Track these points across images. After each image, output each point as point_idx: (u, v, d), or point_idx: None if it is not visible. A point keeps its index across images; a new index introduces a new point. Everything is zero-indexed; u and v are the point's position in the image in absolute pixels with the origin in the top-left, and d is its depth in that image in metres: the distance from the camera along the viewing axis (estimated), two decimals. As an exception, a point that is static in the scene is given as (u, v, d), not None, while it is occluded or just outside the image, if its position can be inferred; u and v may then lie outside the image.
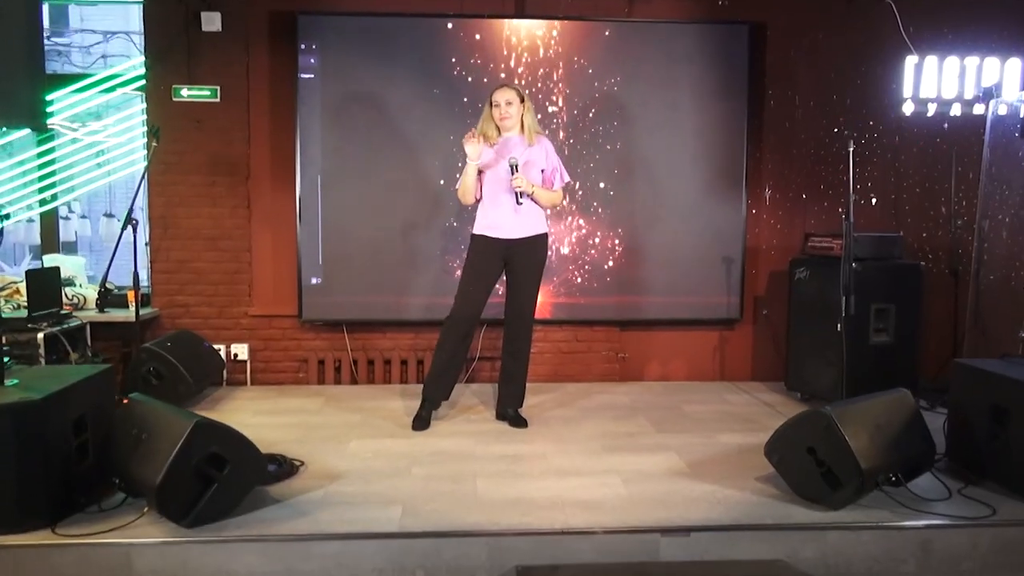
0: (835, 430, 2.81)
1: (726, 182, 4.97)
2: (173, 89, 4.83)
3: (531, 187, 3.80)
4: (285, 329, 5.01)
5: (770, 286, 5.12)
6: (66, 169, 5.28)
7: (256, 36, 4.84)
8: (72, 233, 7.61)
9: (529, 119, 3.86)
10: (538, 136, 3.94)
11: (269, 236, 4.96)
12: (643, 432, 3.94)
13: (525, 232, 3.88)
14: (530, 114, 3.87)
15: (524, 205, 3.80)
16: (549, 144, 4.00)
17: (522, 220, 3.86)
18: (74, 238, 7.86)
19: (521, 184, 3.72)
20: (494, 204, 3.85)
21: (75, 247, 8.12)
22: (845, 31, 5.01)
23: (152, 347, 4.24)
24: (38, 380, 2.91)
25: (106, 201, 8.16)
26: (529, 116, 3.86)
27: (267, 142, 4.91)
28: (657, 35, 4.89)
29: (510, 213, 3.83)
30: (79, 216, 7.91)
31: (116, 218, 7.27)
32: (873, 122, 5.07)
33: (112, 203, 7.65)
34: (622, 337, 5.10)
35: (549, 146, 3.99)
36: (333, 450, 3.61)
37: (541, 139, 3.96)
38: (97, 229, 8.06)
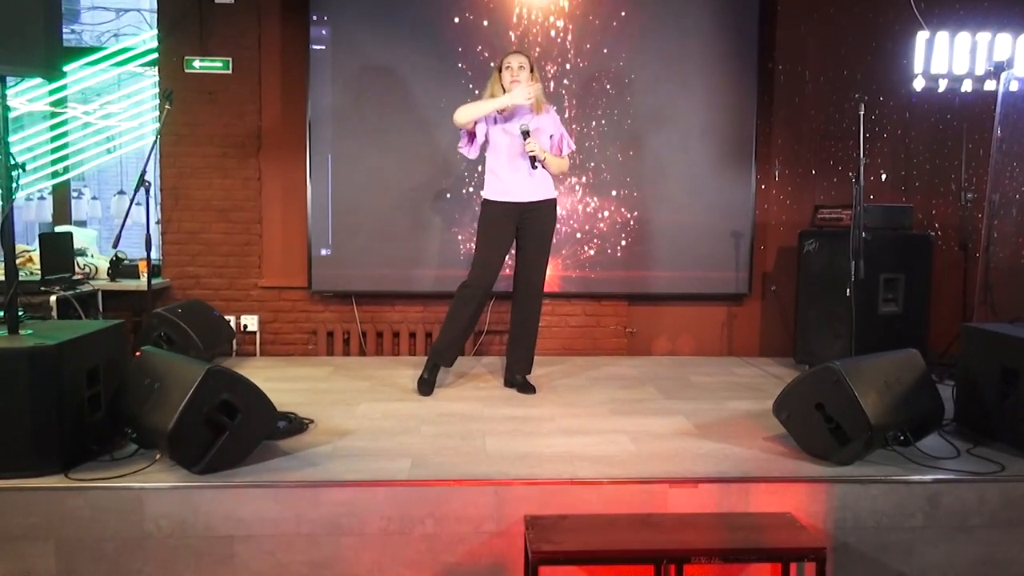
0: (844, 385, 2.81)
1: (735, 157, 4.97)
2: (185, 61, 4.86)
3: (543, 152, 3.81)
4: (295, 301, 5.04)
5: (779, 262, 5.12)
6: (77, 143, 5.33)
7: (268, 7, 4.87)
8: (83, 214, 7.66)
9: (537, 88, 3.86)
10: (545, 105, 3.96)
11: (279, 208, 4.99)
12: (651, 399, 3.94)
13: (538, 195, 3.90)
14: (538, 84, 3.88)
15: (536, 170, 3.82)
16: (555, 112, 4.03)
17: (536, 183, 3.88)
18: (85, 218, 7.90)
19: (535, 148, 3.74)
20: (508, 168, 3.86)
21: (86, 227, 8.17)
22: (856, 6, 5.00)
23: (163, 312, 4.26)
24: (52, 330, 2.94)
25: (117, 182, 8.21)
26: (537, 85, 3.87)
27: (279, 114, 4.93)
28: (668, 8, 4.89)
29: (525, 177, 3.85)
30: (90, 198, 7.95)
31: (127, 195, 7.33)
32: (884, 98, 5.07)
33: (124, 182, 7.70)
34: (630, 312, 5.11)
35: (555, 114, 4.02)
36: (342, 412, 3.63)
37: (548, 107, 3.98)
38: (109, 210, 8.11)
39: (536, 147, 3.76)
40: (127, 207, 4.10)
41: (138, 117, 5.26)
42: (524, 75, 3.83)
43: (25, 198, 6.52)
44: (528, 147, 3.74)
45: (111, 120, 5.28)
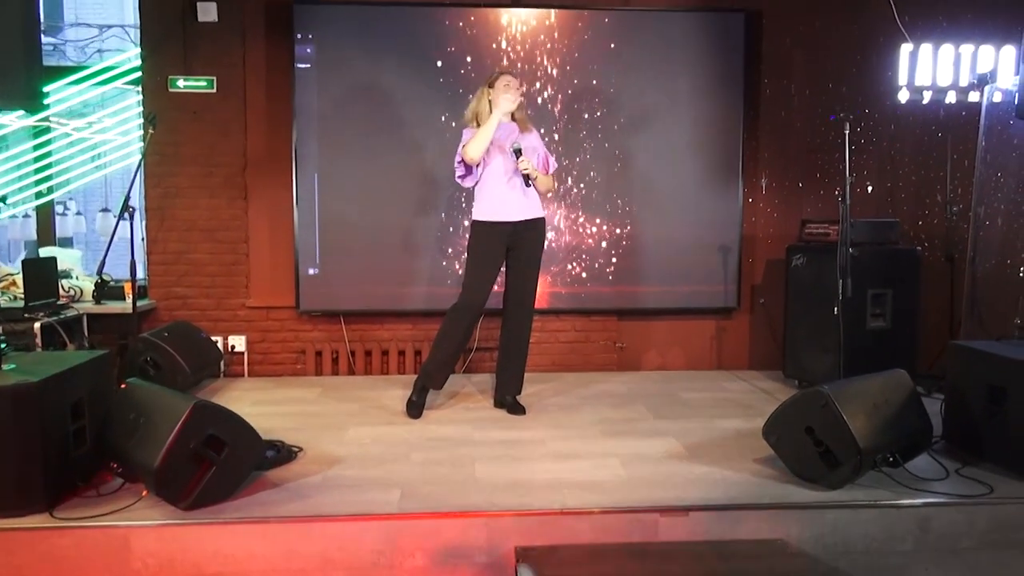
0: (833, 409, 2.82)
1: (722, 171, 4.98)
2: (169, 80, 4.83)
3: (535, 171, 3.82)
4: (283, 320, 5.00)
5: (767, 275, 5.13)
6: (62, 162, 5.28)
7: (252, 26, 4.84)
8: (68, 230, 7.60)
9: (521, 111, 3.90)
10: (530, 126, 3.99)
11: (266, 227, 4.96)
12: (641, 418, 3.94)
13: (530, 214, 3.90)
14: (522, 106, 3.91)
15: (529, 187, 3.83)
16: (536, 133, 4.06)
17: (527, 202, 3.88)
18: (70, 234, 7.85)
19: (528, 167, 3.74)
20: (501, 187, 3.85)
21: (71, 243, 8.12)
22: (841, 19, 5.02)
23: (149, 337, 4.23)
24: (36, 364, 2.90)
25: (102, 198, 8.14)
26: (522, 108, 3.91)
27: (264, 132, 4.90)
28: (653, 23, 4.89)
29: (518, 195, 3.85)
30: (75, 213, 7.90)
31: (112, 213, 7.28)
32: (869, 110, 5.09)
33: (108, 199, 7.65)
34: (620, 327, 5.11)
35: (537, 135, 4.05)
36: (331, 437, 3.60)
37: (531, 128, 4.01)
38: (94, 225, 8.06)
39: (529, 165, 3.76)
40: (111, 232, 4.05)
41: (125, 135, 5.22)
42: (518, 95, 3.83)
43: (9, 216, 6.47)
44: (521, 165, 3.74)
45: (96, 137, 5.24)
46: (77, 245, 8.43)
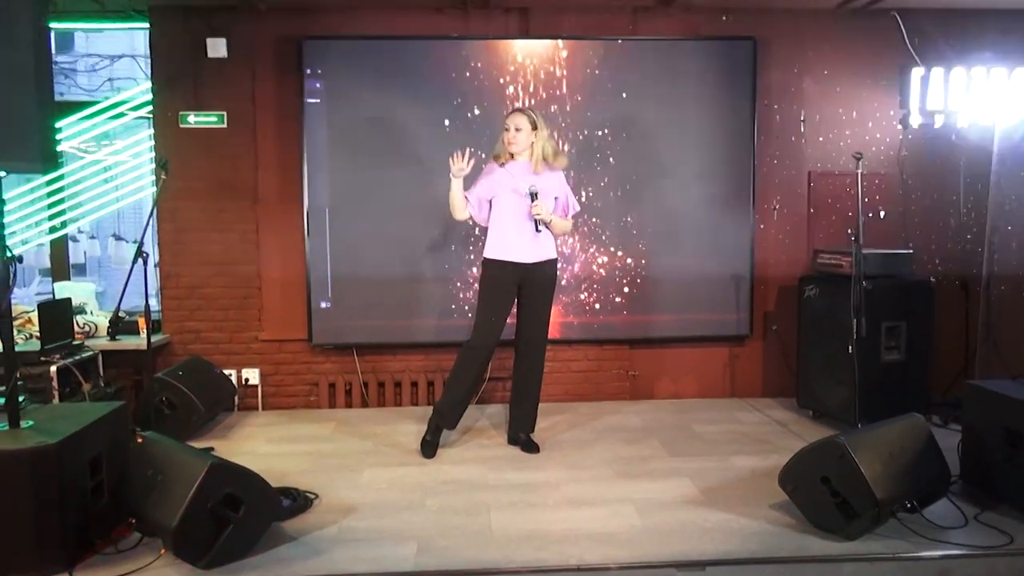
0: (849, 460, 2.80)
1: (733, 199, 4.97)
2: (180, 116, 4.85)
3: (550, 216, 3.80)
4: (296, 353, 5.02)
5: (779, 300, 5.11)
6: (76, 196, 5.31)
7: (262, 62, 4.86)
8: (81, 254, 7.65)
9: (539, 149, 3.83)
10: (550, 166, 3.91)
11: (278, 260, 4.97)
12: (655, 456, 3.93)
13: (540, 256, 3.89)
14: (541, 144, 3.84)
15: (540, 232, 3.81)
16: (561, 173, 4.00)
17: (539, 245, 3.87)
18: (83, 259, 7.90)
19: (541, 212, 3.73)
20: (513, 229, 3.84)
21: (84, 268, 8.17)
22: (850, 45, 5.00)
23: (164, 377, 4.25)
24: (53, 421, 2.93)
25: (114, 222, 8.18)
26: (539, 146, 3.83)
27: (275, 167, 4.92)
28: (661, 52, 4.88)
29: (528, 239, 3.83)
30: (88, 237, 7.95)
31: (124, 240, 7.33)
32: (880, 135, 5.06)
33: (120, 224, 7.68)
34: (632, 355, 5.10)
35: (561, 175, 3.99)
36: (346, 480, 3.62)
37: (556, 168, 3.94)
38: (106, 249, 8.11)
39: (543, 210, 3.75)
40: (127, 273, 4.06)
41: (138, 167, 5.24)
42: (521, 136, 3.81)
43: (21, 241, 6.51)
44: (534, 210, 3.74)
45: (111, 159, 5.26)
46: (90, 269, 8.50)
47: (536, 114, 3.88)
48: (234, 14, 4.76)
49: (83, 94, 6.93)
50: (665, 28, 4.92)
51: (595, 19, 4.87)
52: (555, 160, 3.89)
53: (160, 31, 4.81)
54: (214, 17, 4.78)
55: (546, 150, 3.85)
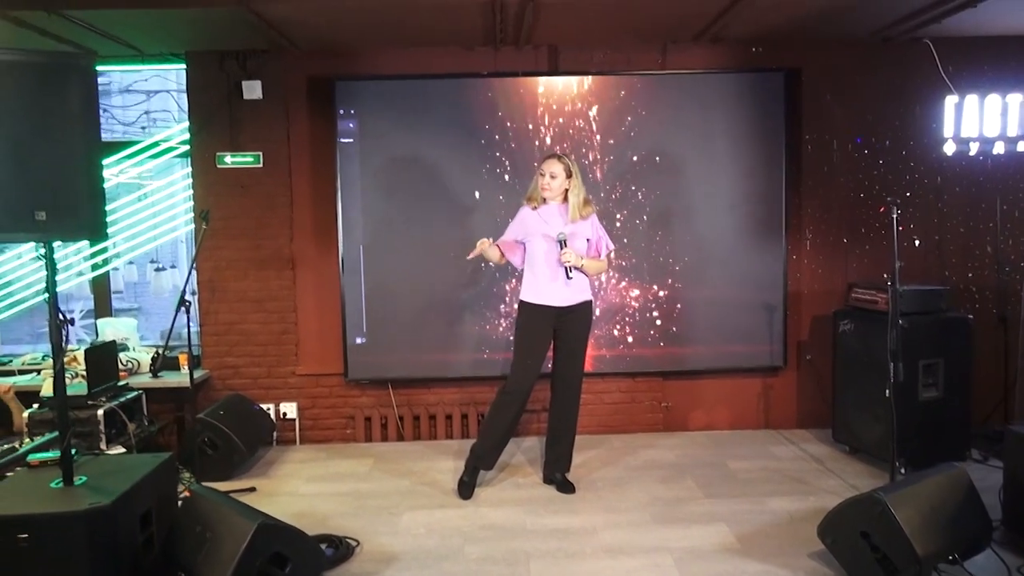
0: (889, 516, 2.80)
1: (765, 229, 4.96)
2: (217, 157, 4.95)
3: (580, 260, 3.83)
4: (332, 387, 5.10)
5: (813, 331, 5.08)
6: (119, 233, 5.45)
7: (295, 102, 4.94)
8: (120, 282, 7.82)
9: (574, 197, 3.87)
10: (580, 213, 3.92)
11: (313, 296, 5.06)
12: (691, 497, 3.94)
13: (574, 299, 3.93)
14: (576, 192, 3.87)
15: (574, 275, 3.84)
16: (594, 215, 4.03)
17: (571, 289, 3.90)
18: (121, 286, 8.07)
19: (571, 259, 3.77)
20: (546, 274, 3.90)
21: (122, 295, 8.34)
22: (882, 72, 4.96)
23: (206, 418, 4.35)
24: (105, 477, 3.02)
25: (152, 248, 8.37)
26: (574, 194, 3.87)
27: (309, 205, 5.00)
28: (691, 85, 4.89)
29: (560, 284, 3.87)
30: (126, 263, 8.12)
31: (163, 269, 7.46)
32: (914, 163, 5.02)
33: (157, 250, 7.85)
34: (665, 386, 5.11)
35: (594, 216, 4.02)
36: (386, 524, 3.68)
37: (586, 215, 3.96)
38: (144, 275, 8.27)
39: (571, 257, 3.78)
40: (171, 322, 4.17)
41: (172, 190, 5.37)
42: (556, 183, 3.85)
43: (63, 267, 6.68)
44: (564, 258, 3.77)
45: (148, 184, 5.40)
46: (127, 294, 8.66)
47: (571, 161, 3.92)
48: (268, 56, 4.85)
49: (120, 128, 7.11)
50: (695, 61, 4.92)
51: (624, 54, 4.89)
52: (584, 209, 3.91)
53: (197, 75, 4.92)
54: (248, 60, 4.87)
55: (576, 200, 3.88)
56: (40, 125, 2.71)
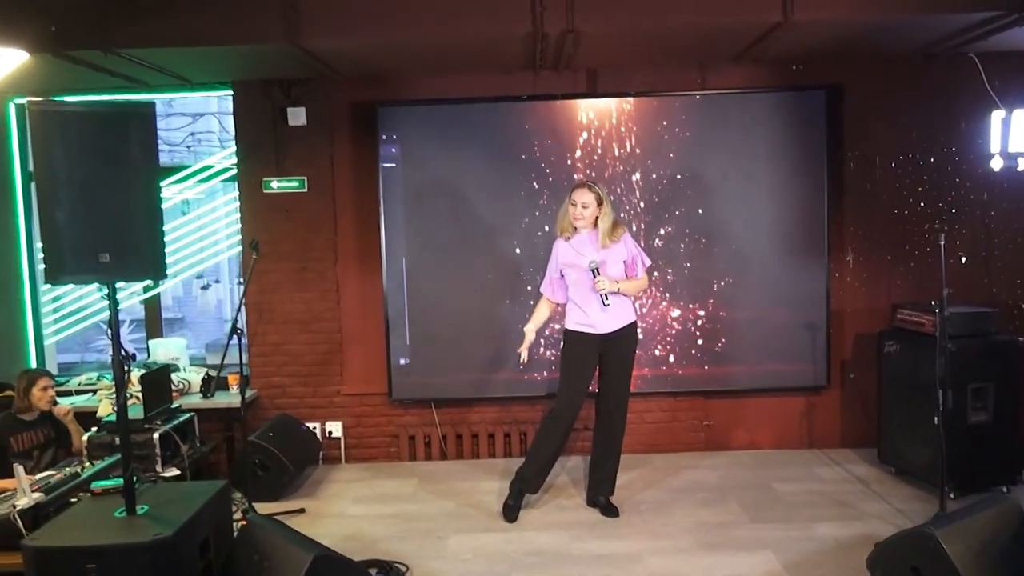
0: (940, 552, 2.79)
1: (807, 248, 4.93)
2: (263, 182, 5.07)
3: (615, 285, 3.87)
4: (376, 406, 5.19)
5: (856, 349, 5.04)
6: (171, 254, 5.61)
7: (339, 128, 5.04)
8: (168, 297, 8.06)
9: (606, 223, 3.91)
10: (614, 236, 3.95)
11: (358, 318, 5.15)
12: (736, 521, 3.94)
13: (616, 325, 3.96)
14: (608, 218, 3.92)
15: (612, 300, 3.88)
16: (627, 236, 4.06)
17: (612, 315, 3.93)
18: (169, 301, 8.31)
19: (604, 287, 3.80)
20: (583, 303, 3.95)
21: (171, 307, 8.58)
22: (925, 88, 4.90)
23: (257, 440, 4.46)
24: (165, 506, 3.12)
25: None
26: (606, 220, 3.91)
27: (353, 228, 5.10)
28: (730, 104, 4.88)
29: (598, 312, 3.91)
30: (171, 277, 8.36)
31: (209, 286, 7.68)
32: (960, 179, 4.95)
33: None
34: (707, 405, 5.11)
35: (627, 237, 4.05)
36: (433, 548, 3.75)
37: (618, 237, 3.99)
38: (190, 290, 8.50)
39: (605, 284, 3.82)
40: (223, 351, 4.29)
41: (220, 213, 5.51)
42: (588, 213, 3.89)
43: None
44: (598, 286, 3.81)
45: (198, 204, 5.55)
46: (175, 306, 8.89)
47: (601, 188, 3.96)
48: (311, 84, 4.95)
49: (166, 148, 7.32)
50: (734, 80, 4.92)
51: (663, 75, 4.90)
52: (614, 233, 3.94)
53: (243, 102, 5.04)
54: (293, 87, 4.98)
55: (607, 226, 3.92)
56: (103, 171, 2.81)
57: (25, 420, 4.10)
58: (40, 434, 4.16)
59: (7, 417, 4.06)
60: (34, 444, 4.10)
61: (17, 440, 4.02)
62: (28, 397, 4.07)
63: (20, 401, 4.09)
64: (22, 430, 4.07)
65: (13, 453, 3.97)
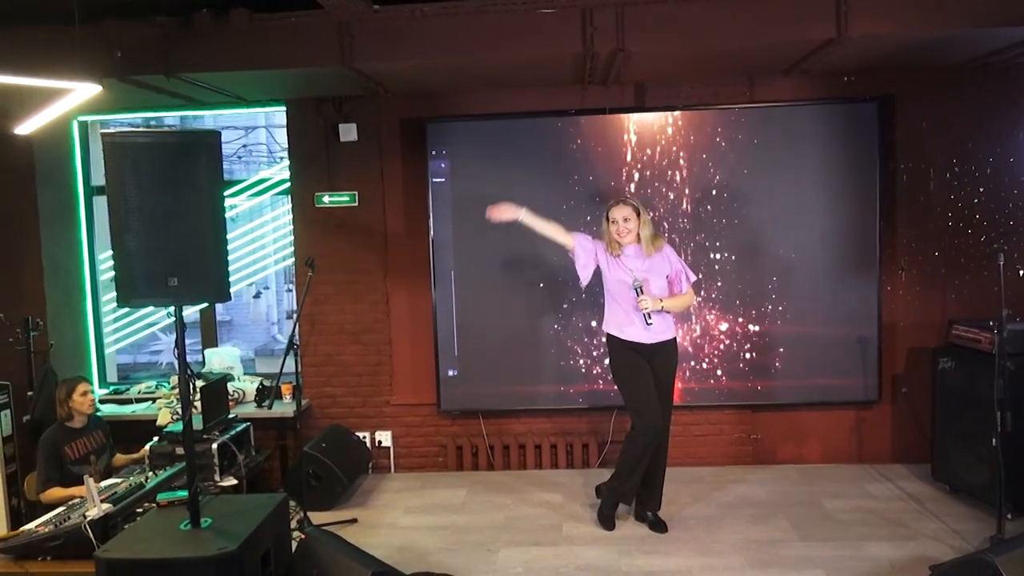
0: (1000, 580, 2.76)
1: (858, 260, 4.88)
2: (316, 197, 5.18)
3: (658, 304, 3.88)
4: (424, 416, 5.27)
5: (909, 364, 4.97)
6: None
7: (389, 144, 5.13)
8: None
9: (646, 232, 3.95)
10: (657, 247, 4.01)
11: (407, 330, 5.24)
12: (785, 539, 3.93)
13: (656, 339, 3.99)
14: (647, 227, 3.96)
15: (655, 318, 3.90)
16: (669, 249, 4.08)
17: (654, 331, 3.96)
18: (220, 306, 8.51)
19: (648, 306, 3.82)
20: (628, 316, 3.97)
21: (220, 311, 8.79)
22: (980, 99, 4.81)
23: (311, 451, 4.57)
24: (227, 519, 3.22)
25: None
26: (646, 229, 3.96)
27: (403, 242, 5.18)
28: (780, 116, 4.85)
29: (641, 330, 3.94)
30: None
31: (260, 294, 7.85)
32: (1017, 191, 4.85)
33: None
34: (754, 418, 5.08)
35: (670, 251, 4.07)
36: (483, 561, 3.81)
37: (661, 248, 4.03)
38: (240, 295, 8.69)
39: (648, 304, 3.84)
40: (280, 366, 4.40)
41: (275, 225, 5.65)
42: (631, 225, 3.92)
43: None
44: (641, 305, 3.83)
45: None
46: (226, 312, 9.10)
47: (637, 201, 4.01)
48: (362, 100, 5.05)
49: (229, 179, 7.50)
50: (784, 93, 4.88)
51: (712, 88, 4.89)
52: (656, 243, 3.98)
53: (296, 119, 5.17)
54: (344, 104, 5.08)
55: (649, 234, 3.95)
56: (172, 199, 2.92)
57: (75, 428, 4.24)
58: (93, 440, 4.29)
59: (57, 428, 4.20)
60: (89, 450, 4.23)
61: (72, 449, 4.17)
62: (70, 404, 4.21)
63: (63, 410, 4.21)
64: (74, 438, 4.19)
65: (70, 461, 4.12)
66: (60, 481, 4.07)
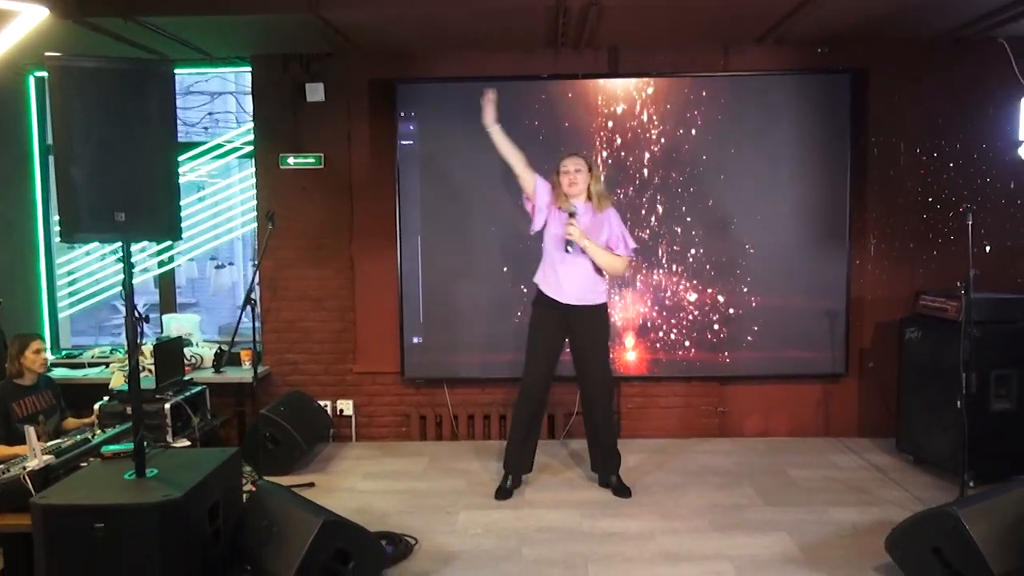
0: (963, 532, 2.72)
1: (828, 234, 4.86)
2: (280, 158, 5.05)
3: (584, 240, 3.79)
4: (388, 385, 5.16)
5: (876, 337, 4.97)
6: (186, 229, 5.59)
7: (357, 105, 5.01)
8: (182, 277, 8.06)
9: (597, 187, 3.91)
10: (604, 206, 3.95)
11: (372, 296, 5.12)
12: (750, 504, 3.89)
13: (574, 300, 3.90)
14: (597, 183, 3.92)
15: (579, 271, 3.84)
16: (614, 212, 4.02)
17: (580, 287, 3.89)
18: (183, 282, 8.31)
19: (573, 233, 3.75)
20: (552, 272, 3.92)
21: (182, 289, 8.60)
22: (952, 73, 4.82)
23: (269, 414, 4.45)
24: (175, 470, 3.10)
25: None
26: (597, 184, 3.92)
27: (369, 206, 5.07)
28: (754, 86, 4.81)
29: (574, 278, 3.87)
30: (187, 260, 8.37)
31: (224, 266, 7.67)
32: (986, 167, 4.86)
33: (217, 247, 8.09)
34: (722, 391, 5.05)
35: (614, 214, 4.01)
36: (443, 523, 3.71)
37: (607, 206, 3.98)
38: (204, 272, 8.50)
39: (575, 232, 3.76)
40: (235, 325, 4.28)
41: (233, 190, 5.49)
42: (581, 178, 3.88)
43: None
44: (568, 229, 3.76)
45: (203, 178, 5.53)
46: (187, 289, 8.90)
47: (588, 155, 3.98)
48: (330, 59, 4.93)
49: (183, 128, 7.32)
50: (758, 62, 4.85)
51: (686, 56, 4.84)
52: (604, 202, 3.94)
53: (262, 77, 5.03)
54: (312, 63, 4.95)
55: (599, 189, 3.91)
56: (120, 129, 2.79)
57: (25, 385, 4.08)
58: (42, 399, 4.14)
59: (5, 384, 4.04)
60: (38, 409, 4.08)
61: (20, 406, 4.01)
62: (21, 360, 4.05)
63: (13, 366, 4.05)
64: (23, 395, 4.04)
65: (18, 419, 3.96)
66: (6, 439, 3.91)
